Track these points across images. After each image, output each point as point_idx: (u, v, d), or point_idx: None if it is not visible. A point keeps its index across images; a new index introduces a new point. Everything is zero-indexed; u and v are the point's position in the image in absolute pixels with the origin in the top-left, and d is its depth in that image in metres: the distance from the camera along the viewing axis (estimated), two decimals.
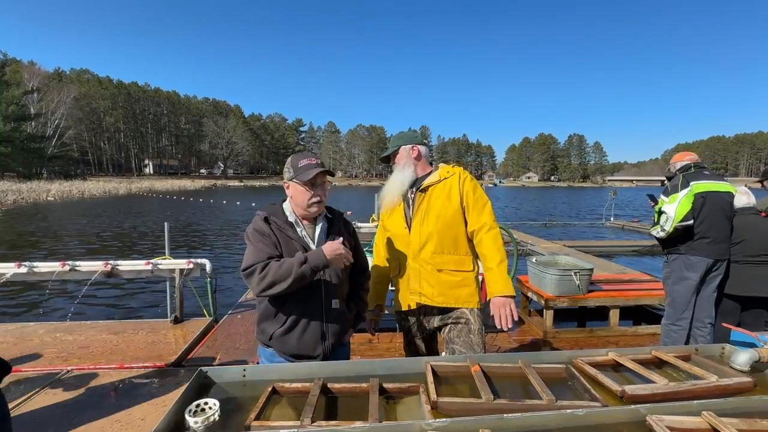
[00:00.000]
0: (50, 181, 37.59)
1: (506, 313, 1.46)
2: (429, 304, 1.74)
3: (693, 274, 2.87)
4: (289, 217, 1.55)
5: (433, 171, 1.82)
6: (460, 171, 1.78)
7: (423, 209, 1.73)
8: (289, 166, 1.54)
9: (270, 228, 1.50)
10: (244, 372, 1.31)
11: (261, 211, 1.56)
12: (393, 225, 1.83)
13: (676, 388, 1.20)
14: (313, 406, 1.09)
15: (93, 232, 12.79)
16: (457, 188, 1.73)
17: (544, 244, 9.22)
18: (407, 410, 1.16)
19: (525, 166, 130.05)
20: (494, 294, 1.60)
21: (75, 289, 5.69)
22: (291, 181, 1.52)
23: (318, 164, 1.51)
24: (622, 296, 4.17)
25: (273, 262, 1.42)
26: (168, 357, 3.06)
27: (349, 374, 1.33)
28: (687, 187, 2.84)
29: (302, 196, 1.51)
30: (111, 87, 78.16)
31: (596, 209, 24.89)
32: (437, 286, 1.72)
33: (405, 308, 1.80)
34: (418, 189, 1.76)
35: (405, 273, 1.78)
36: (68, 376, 2.77)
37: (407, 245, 1.75)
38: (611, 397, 1.18)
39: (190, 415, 1.05)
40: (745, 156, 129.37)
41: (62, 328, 3.66)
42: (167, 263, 3.82)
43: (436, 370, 1.29)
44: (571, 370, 1.33)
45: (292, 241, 1.50)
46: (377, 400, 1.14)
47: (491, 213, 1.74)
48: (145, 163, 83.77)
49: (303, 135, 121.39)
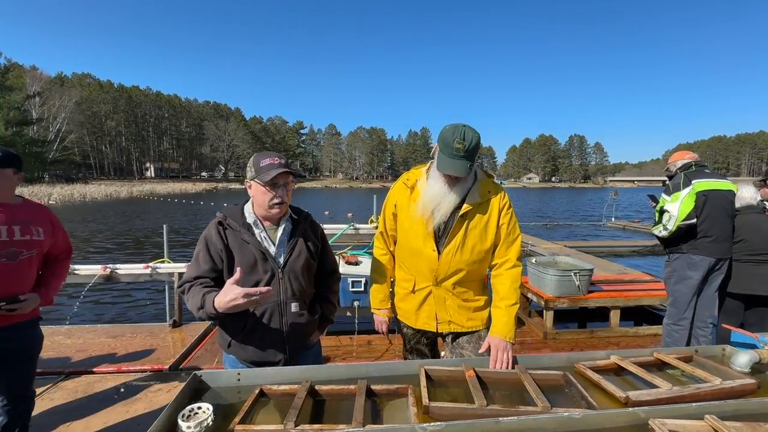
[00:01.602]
0: (52, 185, 37.73)
1: (504, 358, 1.40)
2: (459, 330, 1.71)
3: (695, 273, 2.85)
4: (248, 218, 1.49)
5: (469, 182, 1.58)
6: (502, 194, 1.61)
7: (459, 238, 1.56)
8: (251, 165, 1.47)
9: (222, 233, 1.45)
10: (239, 376, 1.30)
11: (219, 213, 1.52)
12: (416, 241, 1.62)
13: (679, 392, 1.19)
14: (297, 409, 1.08)
15: (92, 236, 12.81)
16: (495, 216, 1.58)
17: (545, 244, 9.19)
18: (395, 412, 1.15)
19: (526, 167, 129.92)
20: (496, 335, 1.53)
21: (73, 293, 5.68)
22: (252, 181, 1.46)
23: (280, 164, 1.44)
24: (622, 297, 4.14)
25: (193, 289, 1.38)
26: (166, 360, 3.05)
27: (341, 377, 1.32)
28: (689, 186, 2.82)
29: (263, 197, 1.44)
30: (112, 91, 78.49)
31: (597, 210, 24.84)
32: (465, 312, 1.69)
33: (424, 328, 1.74)
34: (456, 209, 1.54)
35: (423, 295, 1.70)
36: (66, 380, 2.76)
37: (431, 269, 1.62)
38: (615, 404, 1.17)
39: (183, 420, 1.04)
40: (746, 156, 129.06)
41: (60, 331, 3.65)
42: (166, 267, 3.82)
43: (431, 374, 1.27)
44: (569, 377, 1.31)
45: (247, 245, 1.44)
46: (363, 402, 1.13)
47: (519, 248, 1.64)
48: (146, 167, 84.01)
49: (304, 137, 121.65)
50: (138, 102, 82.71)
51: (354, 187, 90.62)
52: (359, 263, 3.84)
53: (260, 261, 1.44)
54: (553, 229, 15.36)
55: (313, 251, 1.57)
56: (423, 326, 1.73)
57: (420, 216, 1.56)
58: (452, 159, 1.44)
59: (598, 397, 1.21)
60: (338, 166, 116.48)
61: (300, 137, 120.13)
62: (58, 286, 1.93)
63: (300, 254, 1.52)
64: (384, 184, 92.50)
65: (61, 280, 1.96)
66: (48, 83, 59.41)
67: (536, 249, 8.52)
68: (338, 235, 4.46)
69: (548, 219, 18.21)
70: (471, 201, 1.55)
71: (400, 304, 1.80)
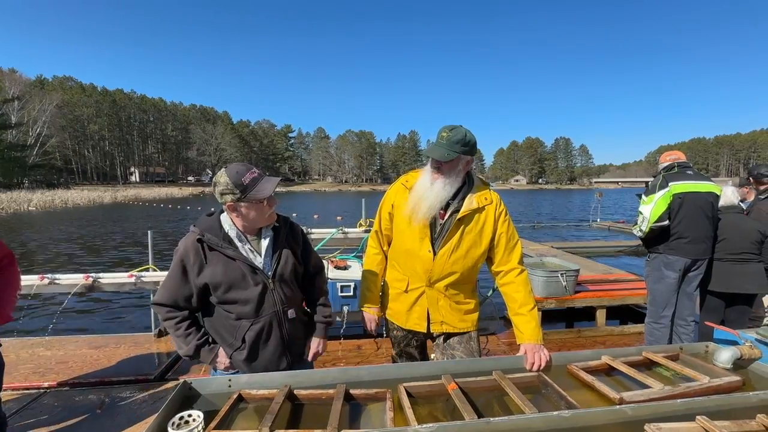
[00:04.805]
0: (32, 191, 36.58)
1: (541, 359, 1.44)
2: (451, 331, 1.72)
3: (671, 273, 2.91)
4: (229, 231, 1.42)
5: (465, 188, 1.62)
6: (498, 201, 1.65)
7: (455, 241, 1.59)
8: (228, 185, 1.33)
9: (201, 251, 1.38)
10: (230, 382, 1.28)
11: (194, 227, 1.41)
12: (412, 242, 1.63)
13: (671, 392, 1.21)
14: (274, 414, 1.07)
15: (74, 243, 12.46)
16: (491, 223, 1.62)
17: (533, 246, 9.29)
18: (373, 417, 1.14)
19: (513, 169, 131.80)
20: (529, 341, 1.57)
21: (54, 303, 5.51)
22: (241, 202, 1.36)
23: (269, 175, 1.42)
24: (608, 296, 4.22)
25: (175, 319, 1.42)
26: (151, 370, 2.97)
27: (324, 382, 1.30)
28: (665, 188, 2.88)
29: (259, 213, 1.40)
30: (95, 94, 76.91)
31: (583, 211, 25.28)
32: (457, 313, 1.71)
33: (415, 329, 1.74)
34: (455, 211, 1.59)
35: (416, 295, 1.70)
36: (46, 393, 2.67)
37: (425, 270, 1.63)
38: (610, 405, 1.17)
39: (173, 428, 1.03)
40: (725, 157, 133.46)
41: (40, 343, 3.53)
42: (151, 275, 3.72)
43: (411, 392, 1.23)
44: (544, 378, 1.34)
45: (232, 261, 1.39)
46: (340, 406, 1.12)
47: (520, 253, 1.68)
48: (131, 171, 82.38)
49: (292, 141, 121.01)
50: (122, 105, 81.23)
51: (343, 190, 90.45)
52: (348, 267, 3.82)
53: (249, 275, 1.42)
54: (541, 230, 15.56)
55: (299, 255, 1.57)
56: (413, 327, 1.74)
57: (410, 211, 1.60)
58: (435, 145, 1.55)
59: (592, 399, 1.23)
60: (327, 169, 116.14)
61: (288, 140, 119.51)
62: (11, 298, 1.75)
63: (287, 261, 1.51)
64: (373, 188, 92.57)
65: (12, 289, 1.78)
66: (27, 86, 57.89)
67: (524, 250, 8.60)
68: (327, 239, 4.42)
69: (536, 221, 18.45)
70: (468, 206, 1.58)
71: (391, 305, 1.80)
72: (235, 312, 1.44)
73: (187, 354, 1.43)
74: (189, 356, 1.44)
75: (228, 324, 1.45)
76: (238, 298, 1.41)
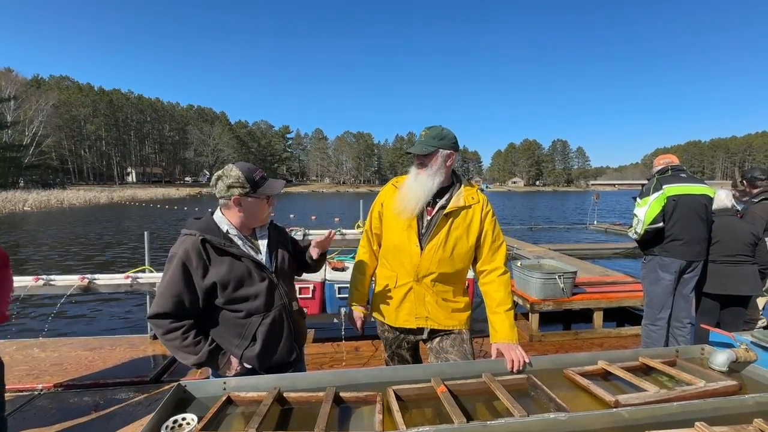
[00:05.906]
0: (27, 191, 36.29)
1: (519, 357, 1.46)
2: (436, 327, 1.73)
3: (667, 275, 2.93)
4: (228, 230, 1.43)
5: (454, 187, 1.68)
6: (484, 201, 1.70)
7: (442, 236, 1.62)
8: (243, 179, 1.39)
9: (204, 253, 1.35)
10: (225, 385, 1.27)
11: (189, 230, 1.38)
12: (401, 237, 1.67)
13: (666, 395, 1.21)
14: (261, 416, 1.07)
15: (69, 244, 12.38)
16: (478, 222, 1.66)
17: (530, 248, 9.32)
18: (362, 420, 1.14)
19: (511, 171, 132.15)
20: (503, 340, 1.60)
21: (49, 304, 5.47)
22: (249, 197, 1.41)
23: (277, 176, 1.48)
24: (605, 298, 4.23)
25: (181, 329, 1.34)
26: (147, 372, 2.96)
27: (314, 385, 1.30)
28: (659, 191, 2.90)
29: (261, 210, 1.47)
30: (92, 94, 76.49)
31: (580, 213, 25.38)
32: (444, 310, 1.72)
33: (404, 326, 1.74)
34: (441, 208, 1.64)
35: (404, 291, 1.71)
36: (40, 395, 2.65)
37: (413, 264, 1.66)
38: (606, 408, 1.18)
39: (166, 431, 1.01)
40: (720, 160, 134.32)
41: (34, 344, 3.50)
42: (147, 277, 3.70)
43: (401, 395, 1.23)
44: (533, 380, 1.33)
45: (238, 259, 1.40)
46: (328, 409, 1.12)
47: (504, 254, 1.71)
48: (127, 172, 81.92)
49: (290, 142, 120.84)
50: (119, 105, 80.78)
51: (341, 191, 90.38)
52: (346, 269, 3.81)
53: (255, 271, 1.44)
54: (538, 232, 15.61)
55: (290, 250, 1.65)
56: (403, 323, 1.74)
57: (398, 207, 1.66)
58: (416, 143, 1.65)
59: (587, 402, 1.23)
60: (325, 170, 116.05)
61: (286, 141, 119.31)
62: (5, 299, 1.78)
63: (284, 258, 1.58)
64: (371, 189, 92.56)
65: (6, 290, 1.80)
66: (24, 86, 57.49)
67: (521, 252, 8.63)
68: None
69: (533, 223, 18.50)
70: (456, 203, 1.64)
71: (381, 303, 1.80)
72: (244, 309, 1.43)
73: (196, 363, 1.38)
74: (198, 365, 1.39)
75: (236, 323, 1.44)
76: (248, 294, 1.42)
